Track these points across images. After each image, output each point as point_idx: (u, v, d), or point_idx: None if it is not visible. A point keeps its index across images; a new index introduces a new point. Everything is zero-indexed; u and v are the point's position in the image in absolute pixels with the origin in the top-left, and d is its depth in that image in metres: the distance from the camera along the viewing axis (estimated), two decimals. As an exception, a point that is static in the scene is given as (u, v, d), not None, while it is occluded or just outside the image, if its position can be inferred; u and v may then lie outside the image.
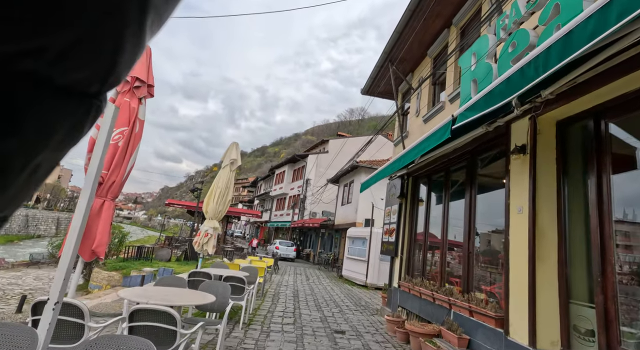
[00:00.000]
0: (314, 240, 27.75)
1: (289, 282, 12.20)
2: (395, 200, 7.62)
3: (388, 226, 7.76)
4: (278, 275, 14.01)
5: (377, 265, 13.18)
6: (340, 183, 22.46)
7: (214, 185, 7.78)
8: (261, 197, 43.98)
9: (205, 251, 7.43)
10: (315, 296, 9.51)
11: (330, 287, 12.00)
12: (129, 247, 12.42)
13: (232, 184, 7.96)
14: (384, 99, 9.89)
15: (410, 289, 6.04)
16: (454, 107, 5.78)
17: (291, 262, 22.86)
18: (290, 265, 19.54)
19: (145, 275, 10.06)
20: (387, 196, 8.23)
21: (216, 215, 7.61)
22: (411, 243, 6.86)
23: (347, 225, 18.75)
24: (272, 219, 36.89)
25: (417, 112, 7.38)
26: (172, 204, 19.24)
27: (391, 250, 7.33)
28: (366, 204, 17.35)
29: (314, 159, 30.87)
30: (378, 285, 13.00)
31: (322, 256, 21.98)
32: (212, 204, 7.59)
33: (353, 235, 15.19)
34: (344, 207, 20.49)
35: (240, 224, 71.42)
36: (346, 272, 14.93)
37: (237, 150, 8.06)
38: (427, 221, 6.23)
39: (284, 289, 10.15)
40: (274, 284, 11.21)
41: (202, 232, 7.46)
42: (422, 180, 6.82)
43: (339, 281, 14.46)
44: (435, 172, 6.15)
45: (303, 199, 29.79)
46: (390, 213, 7.78)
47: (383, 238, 7.96)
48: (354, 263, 14.41)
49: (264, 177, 45.46)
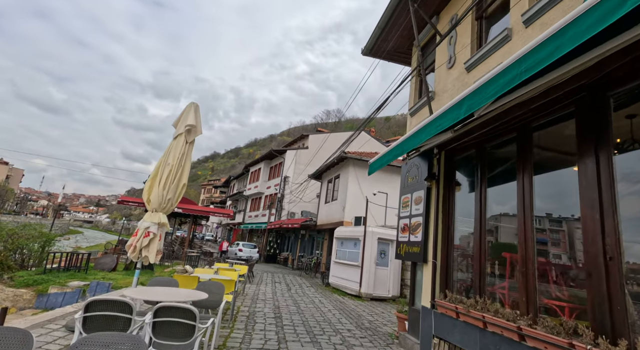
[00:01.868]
0: (293, 242, 25.35)
1: (267, 293, 9.81)
2: (417, 185, 5.53)
3: (407, 221, 5.65)
4: (253, 285, 11.56)
5: (373, 271, 11.09)
6: (324, 179, 20.28)
7: (161, 161, 5.35)
8: (234, 197, 40.95)
9: (144, 259, 4.95)
10: (303, 316, 7.21)
11: (318, 300, 9.74)
12: (54, 254, 9.50)
13: (188, 161, 5.55)
14: (392, 61, 7.82)
15: (461, 314, 3.94)
16: (535, 32, 3.75)
17: (265, 266, 20.33)
18: (267, 272, 17.06)
19: (68, 293, 7.33)
20: (403, 180, 6.12)
21: (163, 205, 5.18)
22: (449, 244, 4.78)
23: (332, 225, 16.59)
24: (247, 220, 34.06)
25: (450, 61, 5.36)
26: (126, 201, 16.22)
27: (416, 254, 5.21)
28: (356, 200, 15.28)
29: (293, 154, 28.55)
30: (375, 296, 10.90)
31: (303, 260, 19.67)
32: (156, 190, 5.15)
33: (342, 236, 13.02)
34: (328, 205, 18.31)
35: (212, 226, 67.52)
36: (334, 279, 12.72)
37: (196, 114, 5.67)
38: (481, 212, 4.17)
39: (261, 306, 7.77)
40: (249, 297, 8.79)
41: (140, 230, 4.99)
42: (466, 153, 4.76)
43: (326, 290, 12.23)
44: (495, 137, 4.11)
45: (280, 198, 27.34)
46: (410, 203, 5.68)
47: (400, 237, 5.84)
48: (343, 269, 12.24)
49: (237, 175, 42.47)
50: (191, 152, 5.73)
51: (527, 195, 3.50)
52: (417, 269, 5.48)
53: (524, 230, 3.47)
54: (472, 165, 4.63)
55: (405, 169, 6.18)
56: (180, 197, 5.52)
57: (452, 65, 5.37)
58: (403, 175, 6.22)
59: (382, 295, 11.05)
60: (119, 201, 16.39)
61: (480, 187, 4.31)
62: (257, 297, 9.03)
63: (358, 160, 15.61)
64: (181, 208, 17.68)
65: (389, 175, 16.08)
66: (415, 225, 5.45)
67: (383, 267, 11.34)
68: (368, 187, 15.53)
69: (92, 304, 2.72)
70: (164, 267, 14.01)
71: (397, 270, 11.48)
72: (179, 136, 5.49)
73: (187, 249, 17.46)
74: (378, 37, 7.02)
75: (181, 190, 5.44)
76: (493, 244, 4.13)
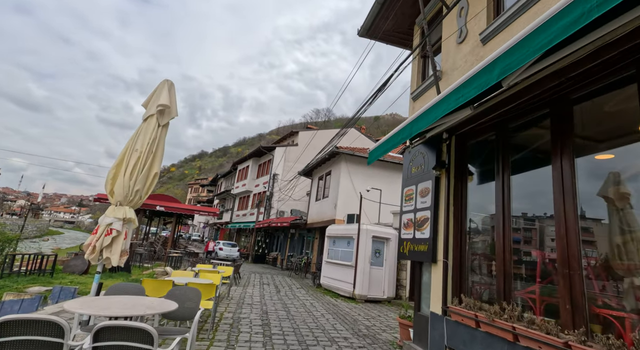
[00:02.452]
0: (282, 242, 24.59)
1: (255, 297, 9.07)
2: (424, 175, 4.90)
3: (412, 216, 5.02)
4: (240, 287, 10.79)
5: (368, 271, 10.47)
6: (314, 176, 19.60)
7: (128, 147, 4.57)
8: (221, 196, 39.86)
9: (106, 261, 4.17)
10: (293, 322, 6.52)
11: (309, 303, 9.05)
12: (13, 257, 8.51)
13: (161, 147, 4.79)
14: (390, 43, 7.19)
15: (482, 324, 3.32)
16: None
17: (253, 266, 19.51)
18: (255, 273, 16.27)
19: (26, 300, 6.44)
20: (406, 170, 5.49)
21: (130, 198, 4.42)
22: (462, 241, 4.17)
23: (323, 223, 15.93)
24: (234, 219, 33.09)
25: (461, 35, 4.75)
26: (104, 199, 15.16)
27: (423, 253, 4.58)
28: (349, 197, 14.66)
29: (282, 152, 27.78)
30: (369, 297, 10.28)
31: (292, 260, 18.94)
32: (122, 180, 4.38)
33: (334, 234, 12.37)
34: (319, 203, 17.64)
35: (199, 226, 66.07)
36: (326, 280, 12.05)
37: (170, 93, 4.92)
38: (504, 203, 3.56)
39: (247, 312, 7.04)
40: (234, 301, 8.04)
41: (100, 227, 4.21)
42: (482, 136, 4.16)
43: (318, 292, 11.56)
44: (522, 115, 3.51)
45: (269, 197, 26.53)
46: (415, 195, 5.05)
47: (403, 234, 5.20)
48: (336, 269, 11.58)
49: (225, 173, 41.40)
50: (164, 137, 4.98)
51: (568, 181, 2.89)
52: (423, 269, 4.85)
53: (564, 223, 2.86)
54: (491, 150, 4.02)
55: (408, 158, 5.55)
56: (151, 189, 4.75)
57: (463, 40, 4.75)
58: (406, 166, 5.59)
59: (377, 297, 10.44)
60: (95, 199, 15.34)
61: (502, 175, 3.70)
62: (243, 301, 8.28)
63: (350, 155, 14.98)
64: (163, 206, 16.74)
65: (382, 170, 15.52)
66: (421, 220, 4.81)
67: (378, 267, 10.74)
68: (361, 184, 14.93)
69: (4, 326, 1.98)
70: (144, 268, 13.09)
71: (393, 270, 10.90)
72: (150, 118, 4.73)
73: (169, 249, 16.53)
74: (377, 14, 6.37)
75: (152, 181, 4.67)
76: (517, 239, 3.52)
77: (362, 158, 15.20)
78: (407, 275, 10.80)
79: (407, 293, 10.65)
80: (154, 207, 16.50)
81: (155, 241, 19.52)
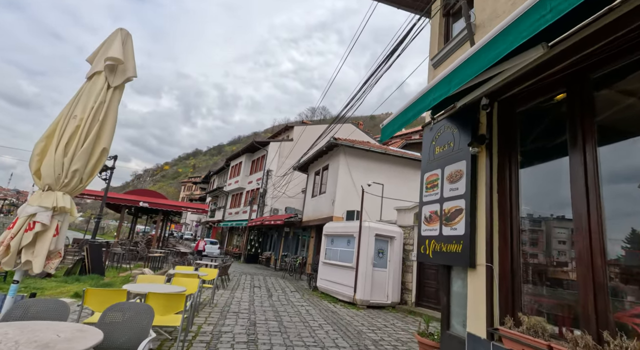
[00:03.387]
0: (276, 241, 23.45)
1: (243, 302, 7.94)
2: (453, 155, 3.83)
3: (437, 207, 3.94)
4: (227, 291, 9.65)
5: (370, 274, 9.38)
6: (310, 171, 18.48)
7: (64, 113, 3.42)
8: (214, 194, 38.57)
9: (26, 266, 3.02)
10: (287, 337, 5.40)
11: (305, 310, 7.95)
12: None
13: (111, 115, 3.65)
14: (400, 4, 6.08)
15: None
16: None
17: (245, 266, 18.35)
18: (246, 274, 15.12)
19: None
20: (427, 152, 4.40)
21: (64, 181, 3.28)
22: (514, 240, 3.09)
23: (320, 221, 14.83)
24: (227, 217, 31.85)
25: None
26: (86, 195, 13.91)
27: (456, 255, 3.50)
28: (347, 193, 13.57)
29: (277, 147, 26.61)
30: (372, 303, 9.20)
31: (286, 260, 17.82)
32: (52, 155, 3.24)
33: (332, 233, 11.27)
34: (315, 199, 16.53)
35: (191, 225, 64.66)
36: (323, 283, 10.95)
37: (125, 45, 3.78)
38: (587, 186, 2.48)
39: (231, 323, 5.91)
40: (218, 309, 6.90)
41: (19, 219, 3.07)
42: (543, 98, 3.06)
43: (314, 296, 10.46)
44: (613, 58, 2.43)
45: (263, 194, 25.37)
46: (441, 181, 3.97)
47: (424, 230, 4.12)
48: (334, 271, 10.49)
49: (217, 170, 40.10)
50: (117, 103, 3.82)
51: None
52: (453, 275, 3.76)
53: None
54: (558, 115, 2.94)
55: (429, 137, 4.46)
56: (98, 169, 3.60)
57: (509, -23, 3.66)
58: (426, 146, 4.50)
59: (381, 302, 9.37)
60: (71, 194, 14.06)
61: (580, 147, 2.62)
62: (228, 309, 7.15)
63: (350, 147, 13.88)
64: (147, 202, 15.51)
65: (383, 164, 14.46)
66: (451, 212, 3.73)
67: (381, 268, 9.66)
68: (361, 178, 13.85)
69: None
70: (122, 269, 11.87)
71: (397, 272, 9.83)
72: (96, 76, 3.59)
73: (153, 248, 15.32)
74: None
75: (99, 160, 3.53)
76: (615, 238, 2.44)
77: (363, 151, 14.13)
78: (414, 278, 9.74)
79: (414, 298, 9.60)
80: (137, 203, 15.27)
81: (138, 240, 18.25)
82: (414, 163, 14.99)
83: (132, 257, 14.23)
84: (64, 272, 9.46)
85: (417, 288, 9.65)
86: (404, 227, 10.45)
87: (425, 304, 9.30)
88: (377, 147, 14.66)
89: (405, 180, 14.20)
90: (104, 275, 9.97)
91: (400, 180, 13.88)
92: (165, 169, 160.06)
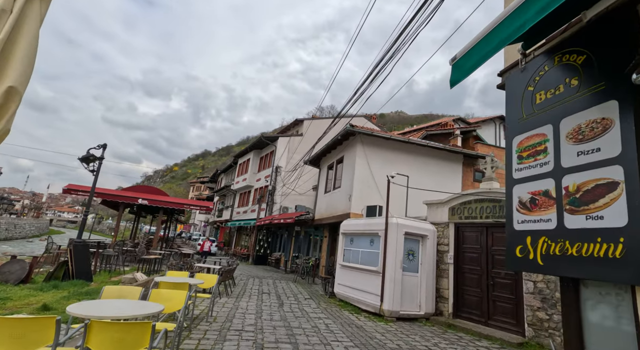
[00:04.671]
0: (286, 241, 22.07)
1: (248, 315, 6.54)
2: (585, 100, 2.35)
3: (551, 184, 2.45)
4: (231, 299, 8.28)
5: (399, 279, 7.89)
6: (322, 165, 17.04)
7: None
8: (221, 193, 37.45)
9: None
10: (305, 370, 3.96)
11: (324, 324, 6.51)
12: None
13: (25, 33, 2.23)
14: None
15: None
16: None
17: (253, 268, 17.00)
18: (254, 277, 13.76)
19: None
20: (518, 103, 2.92)
21: None
22: None
23: (335, 218, 13.38)
24: (234, 217, 30.63)
25: None
26: (74, 190, 12.73)
27: (603, 263, 2.02)
28: (366, 187, 12.10)
29: (286, 142, 25.27)
30: (402, 314, 7.70)
31: (298, 262, 16.41)
32: None
33: (351, 231, 9.81)
34: (328, 195, 15.08)
35: (200, 225, 63.92)
36: (342, 289, 9.49)
37: None
38: None
39: (232, 347, 4.50)
40: (216, 326, 5.50)
41: None
42: None
43: (332, 304, 9.01)
44: None
45: (272, 191, 24.03)
46: (554, 143, 2.48)
47: (518, 221, 2.63)
48: (355, 275, 9.02)
49: (225, 168, 39.01)
50: (37, 22, 2.40)
51: None
52: (588, 296, 2.27)
53: None
54: None
55: (519, 83, 2.96)
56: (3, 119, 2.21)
57: None
58: (514, 97, 3.00)
59: (412, 313, 7.87)
60: (64, 190, 12.93)
61: None
62: (230, 325, 5.75)
63: (368, 135, 12.38)
64: (147, 199, 14.28)
65: (405, 155, 12.93)
66: (589, 189, 2.22)
67: (412, 273, 8.16)
68: (379, 171, 12.36)
69: None
70: (116, 273, 10.62)
71: (431, 276, 8.31)
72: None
73: (153, 249, 14.07)
74: None
75: (3, 104, 2.14)
76: None
77: (382, 139, 12.62)
78: (450, 283, 8.21)
79: (451, 308, 8.06)
80: (136, 200, 14.05)
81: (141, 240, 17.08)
82: (440, 154, 13.41)
83: (131, 259, 13.03)
84: (43, 278, 8.22)
85: (454, 296, 8.12)
86: (436, 224, 8.93)
87: (466, 315, 7.76)
88: (399, 136, 13.15)
89: (430, 173, 12.65)
90: (91, 280, 8.70)
91: (425, 173, 12.35)
92: (175, 170, 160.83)
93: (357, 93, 7.54)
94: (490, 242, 7.67)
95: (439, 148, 13.00)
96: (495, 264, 7.48)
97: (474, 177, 13.83)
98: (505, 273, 7.20)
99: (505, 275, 7.21)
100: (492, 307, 7.29)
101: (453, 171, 13.54)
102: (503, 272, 7.26)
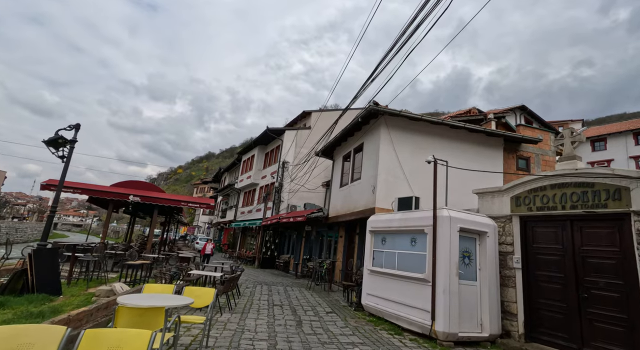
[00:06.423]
0: (295, 242, 20.22)
1: (258, 340, 4.69)
2: None
3: None
4: (235, 315, 6.45)
5: (456, 290, 5.98)
6: (337, 155, 15.19)
7: None
8: (225, 192, 35.71)
9: None
10: None
11: (363, 357, 4.63)
12: None
13: None
14: None
15: None
16: None
17: (260, 272, 15.16)
18: (261, 284, 11.91)
19: None
20: None
21: None
22: None
23: (353, 215, 11.52)
24: (239, 217, 28.86)
25: None
26: (53, 186, 11.01)
27: None
28: (393, 176, 10.24)
29: (293, 135, 23.48)
30: (460, 336, 5.79)
31: (310, 265, 14.56)
32: None
33: (383, 228, 7.92)
34: (345, 189, 13.20)
35: (204, 227, 62.31)
36: (373, 301, 7.60)
37: None
38: None
39: None
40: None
41: None
42: None
43: (361, 319, 7.15)
44: None
45: (279, 188, 22.21)
46: None
47: None
48: (391, 284, 7.14)
49: (228, 167, 37.29)
50: None
51: None
52: None
53: None
54: None
55: None
56: None
57: None
58: None
59: (473, 335, 5.95)
60: (42, 186, 11.24)
61: None
62: (232, 364, 3.89)
63: (395, 115, 10.48)
64: (139, 196, 12.49)
65: (437, 139, 11.03)
66: None
67: (469, 281, 6.26)
68: (409, 158, 10.48)
69: None
70: (97, 282, 8.79)
71: (494, 286, 6.41)
72: None
73: (146, 253, 12.28)
74: None
75: None
76: None
77: (411, 120, 10.73)
78: (519, 295, 6.30)
79: (521, 327, 6.15)
80: (127, 197, 12.28)
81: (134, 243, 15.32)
82: (478, 138, 11.49)
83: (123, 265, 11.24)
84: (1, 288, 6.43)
85: (526, 312, 6.20)
86: (494, 217, 7.03)
87: (546, 338, 5.84)
88: (431, 117, 11.24)
89: (467, 161, 10.72)
90: (59, 293, 6.91)
91: (463, 161, 10.42)
92: (179, 172, 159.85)
93: (366, 83, 6.05)
94: (578, 240, 5.75)
95: (478, 130, 11.06)
96: (588, 269, 5.56)
97: (516, 164, 11.88)
98: (607, 282, 5.28)
99: (606, 286, 5.29)
100: (588, 329, 5.37)
101: (493, 157, 11.61)
102: (603, 281, 5.34)
